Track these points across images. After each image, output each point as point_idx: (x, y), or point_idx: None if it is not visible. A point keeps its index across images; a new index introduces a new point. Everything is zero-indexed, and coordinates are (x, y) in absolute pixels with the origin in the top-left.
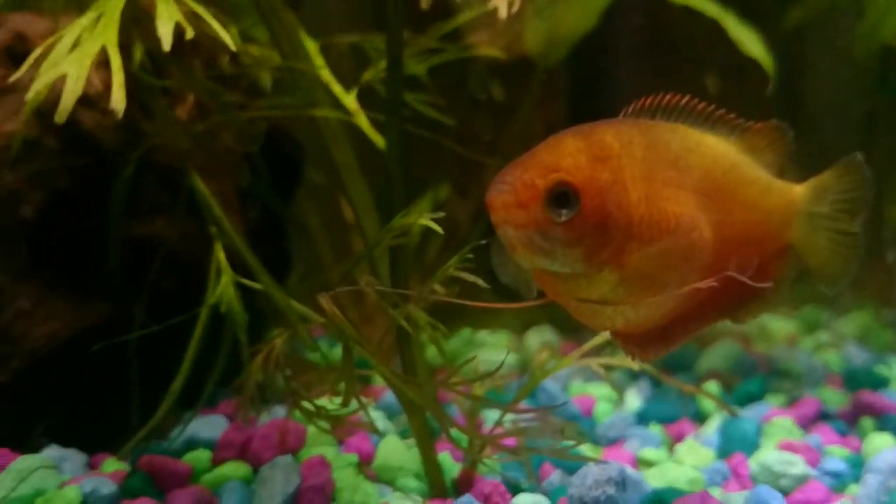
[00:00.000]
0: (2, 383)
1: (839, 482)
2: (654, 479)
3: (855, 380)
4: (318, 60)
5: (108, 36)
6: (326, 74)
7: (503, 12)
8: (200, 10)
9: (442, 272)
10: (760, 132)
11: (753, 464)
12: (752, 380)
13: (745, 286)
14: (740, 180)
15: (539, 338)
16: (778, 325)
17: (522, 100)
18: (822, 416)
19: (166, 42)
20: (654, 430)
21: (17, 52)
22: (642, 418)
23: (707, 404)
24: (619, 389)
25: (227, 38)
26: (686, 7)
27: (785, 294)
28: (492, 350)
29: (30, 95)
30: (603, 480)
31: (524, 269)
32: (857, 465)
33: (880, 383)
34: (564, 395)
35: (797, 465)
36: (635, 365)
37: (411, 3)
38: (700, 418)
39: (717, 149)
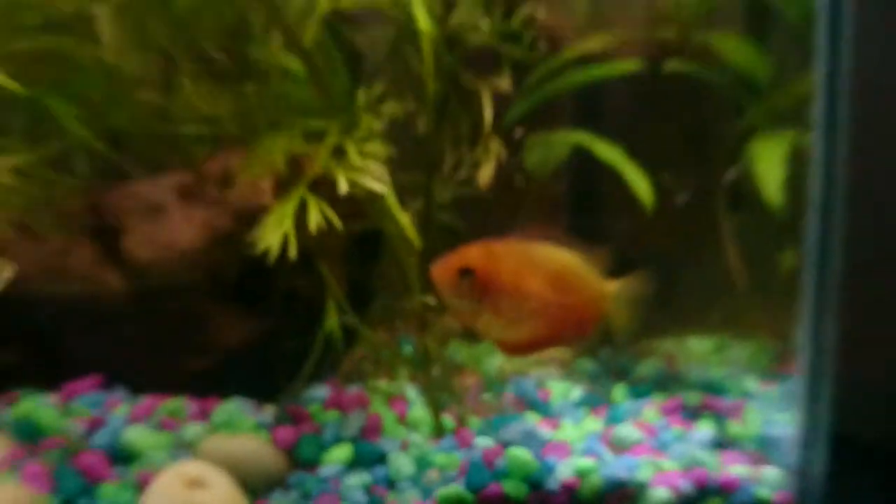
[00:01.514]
0: (207, 367)
1: (661, 445)
2: (558, 436)
3: (711, 387)
4: None
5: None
6: None
7: None
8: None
9: None
10: (592, 253)
11: (615, 430)
12: (651, 383)
13: (575, 329)
14: (576, 276)
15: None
16: (697, 345)
17: None
18: (681, 408)
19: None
20: (583, 410)
21: (224, 178)
22: (580, 404)
23: (618, 396)
24: (572, 386)
25: None
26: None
27: (595, 337)
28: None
29: (257, 245)
30: (516, 430)
31: None
32: (680, 439)
33: (723, 391)
34: (534, 387)
35: (636, 434)
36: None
37: None
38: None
39: (563, 257)
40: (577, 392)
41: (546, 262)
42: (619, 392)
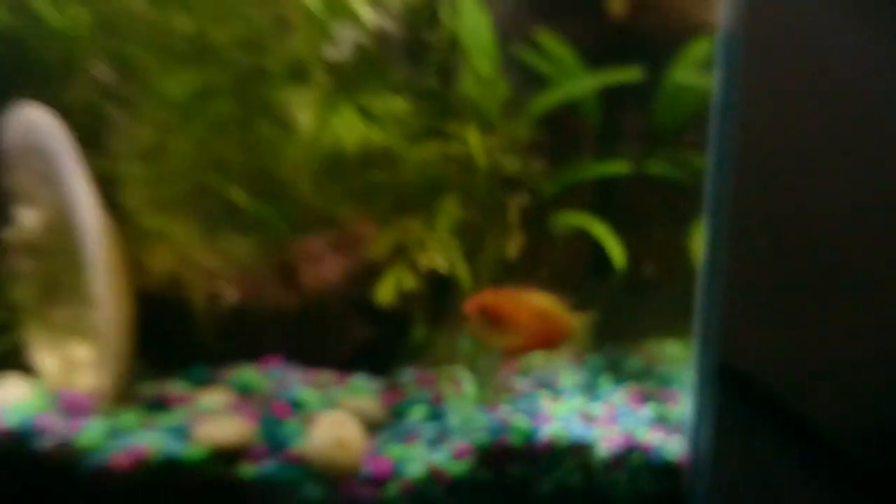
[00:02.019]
0: (344, 354)
1: (614, 419)
2: (551, 410)
3: (665, 379)
4: None
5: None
6: None
7: None
8: None
9: None
10: (561, 298)
11: (591, 407)
12: (631, 375)
13: (549, 344)
14: (551, 311)
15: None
16: (671, 347)
17: None
18: (641, 394)
19: None
20: (578, 392)
21: (357, 240)
22: (577, 388)
23: (603, 383)
24: (576, 374)
25: None
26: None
27: (565, 350)
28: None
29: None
30: (526, 404)
31: None
32: (628, 415)
33: (669, 382)
34: (550, 374)
35: (602, 410)
36: (572, 360)
37: None
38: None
39: (543, 299)
40: (577, 378)
41: (533, 302)
42: (605, 380)
